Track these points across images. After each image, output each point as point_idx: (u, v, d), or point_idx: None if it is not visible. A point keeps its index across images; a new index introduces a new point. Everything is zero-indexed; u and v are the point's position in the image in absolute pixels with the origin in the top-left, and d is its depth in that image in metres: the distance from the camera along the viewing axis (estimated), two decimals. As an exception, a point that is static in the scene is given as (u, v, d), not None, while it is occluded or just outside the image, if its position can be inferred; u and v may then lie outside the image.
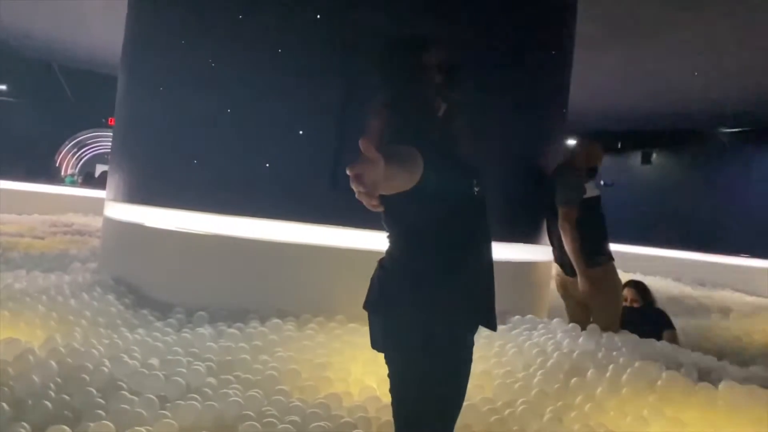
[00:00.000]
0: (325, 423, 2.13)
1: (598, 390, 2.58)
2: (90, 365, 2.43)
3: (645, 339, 3.44)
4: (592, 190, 3.77)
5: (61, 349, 2.56)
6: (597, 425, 2.29)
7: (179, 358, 2.61)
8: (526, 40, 4.01)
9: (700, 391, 2.58)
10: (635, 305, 4.37)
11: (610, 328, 3.53)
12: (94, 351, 2.58)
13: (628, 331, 3.60)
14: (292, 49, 3.60)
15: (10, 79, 13.33)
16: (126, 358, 2.53)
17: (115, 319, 3.21)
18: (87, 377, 2.32)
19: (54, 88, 13.68)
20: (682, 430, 2.28)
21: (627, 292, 4.37)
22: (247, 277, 3.59)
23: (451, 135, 1.64)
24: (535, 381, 2.65)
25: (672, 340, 4.03)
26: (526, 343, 3.12)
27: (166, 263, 3.84)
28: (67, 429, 1.89)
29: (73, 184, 12.63)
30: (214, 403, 2.19)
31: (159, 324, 3.17)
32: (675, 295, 6.86)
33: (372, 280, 1.62)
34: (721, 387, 2.58)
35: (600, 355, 2.98)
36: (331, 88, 3.53)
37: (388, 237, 1.62)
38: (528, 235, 4.00)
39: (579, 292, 3.69)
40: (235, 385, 2.38)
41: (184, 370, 2.48)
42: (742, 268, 8.97)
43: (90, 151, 15.09)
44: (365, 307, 1.61)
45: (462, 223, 1.56)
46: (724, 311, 5.86)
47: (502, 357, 2.92)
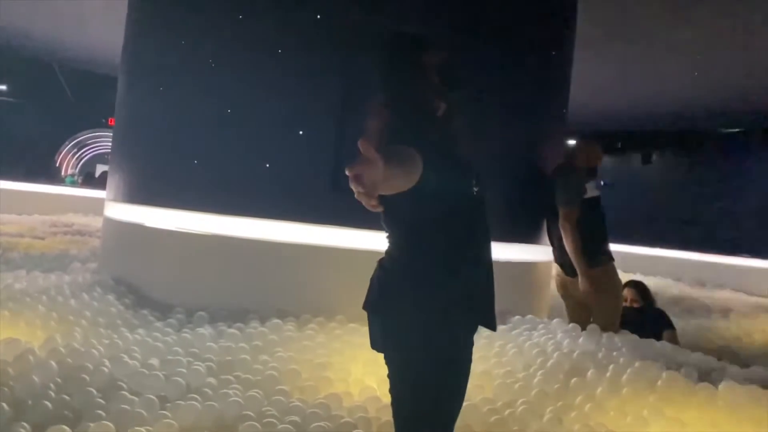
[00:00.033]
0: (325, 423, 2.12)
1: (599, 390, 2.58)
2: (90, 365, 2.43)
3: (645, 339, 3.44)
4: (592, 190, 3.77)
5: (61, 349, 2.56)
6: (597, 425, 2.29)
7: (179, 358, 2.61)
8: (526, 40, 4.01)
9: (700, 391, 2.58)
10: (635, 305, 4.37)
11: (610, 329, 3.53)
12: (94, 351, 2.58)
13: (628, 331, 3.60)
14: (292, 49, 3.60)
15: (10, 79, 13.35)
16: (126, 359, 2.53)
17: (116, 319, 3.21)
18: (87, 377, 2.32)
19: (54, 88, 13.69)
20: (682, 430, 2.28)
21: (627, 293, 4.37)
22: (247, 277, 3.59)
23: (450, 135, 1.64)
24: (535, 381, 2.65)
25: (672, 340, 4.03)
26: (527, 344, 3.12)
27: (167, 263, 3.84)
28: (67, 429, 1.89)
29: (74, 184, 12.65)
30: (214, 403, 2.19)
31: (159, 324, 3.17)
32: (675, 295, 6.85)
33: (372, 280, 1.62)
34: (721, 387, 2.58)
35: (600, 355, 2.98)
36: (331, 88, 3.53)
37: (387, 237, 1.62)
38: (528, 236, 4.00)
39: (579, 293, 3.68)
40: (235, 386, 2.38)
41: (184, 370, 2.48)
42: (742, 268, 8.96)
43: (90, 151, 15.11)
44: (365, 307, 1.61)
45: (461, 223, 1.56)
46: (724, 311, 5.86)
47: (502, 357, 2.92)
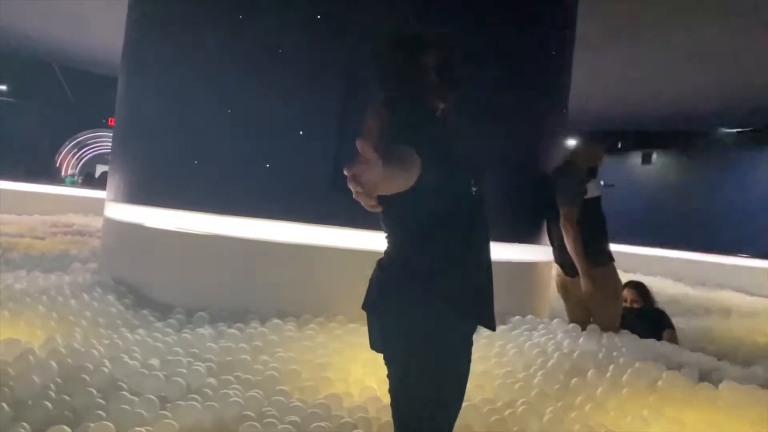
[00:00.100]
0: (326, 423, 2.12)
1: (599, 390, 2.58)
2: (90, 365, 2.43)
3: (645, 339, 3.44)
4: (592, 190, 3.77)
5: (62, 349, 2.56)
6: (597, 425, 2.29)
7: (179, 358, 2.61)
8: (526, 40, 4.01)
9: (701, 391, 2.58)
10: (635, 306, 4.36)
11: (611, 329, 3.52)
12: (94, 351, 2.58)
13: (628, 331, 3.59)
14: (293, 49, 3.60)
15: (11, 79, 13.34)
16: (126, 359, 2.53)
17: (116, 319, 3.21)
18: (87, 377, 2.32)
19: (54, 88, 13.69)
20: (682, 430, 2.28)
21: (627, 293, 4.36)
22: (247, 277, 3.59)
23: (449, 135, 1.64)
24: (535, 381, 2.65)
25: (672, 339, 4.03)
26: (527, 344, 3.12)
27: (167, 264, 3.84)
28: (68, 429, 1.89)
29: (74, 184, 12.65)
30: (214, 403, 2.19)
31: (159, 324, 3.17)
32: (675, 295, 6.85)
33: (371, 280, 1.61)
34: (721, 387, 2.58)
35: (600, 355, 2.99)
36: (331, 88, 3.53)
37: (386, 237, 1.61)
38: (528, 236, 4.00)
39: (580, 293, 3.68)
40: (236, 386, 2.38)
41: (184, 370, 2.48)
42: (742, 268, 8.95)
43: (90, 151, 15.10)
44: (364, 307, 1.61)
45: (460, 223, 1.56)
46: (725, 311, 5.86)
47: (502, 357, 2.92)
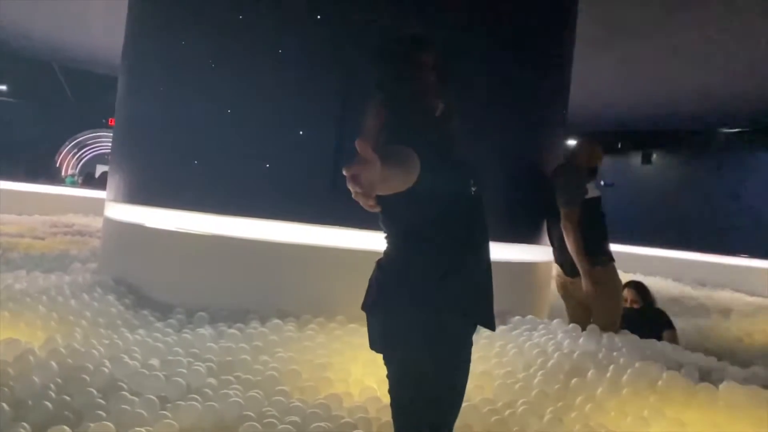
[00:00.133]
0: (326, 423, 2.12)
1: (599, 390, 2.58)
2: (90, 366, 2.42)
3: (645, 339, 3.44)
4: (592, 190, 3.77)
5: (62, 349, 2.56)
6: (597, 426, 2.29)
7: (180, 358, 2.61)
8: (526, 40, 4.01)
9: (701, 391, 2.58)
10: (635, 306, 4.36)
11: (611, 329, 3.52)
12: (94, 351, 2.58)
13: (628, 331, 3.59)
14: (292, 49, 3.60)
15: (10, 79, 13.36)
16: (126, 359, 2.52)
17: (116, 319, 3.21)
18: (87, 378, 2.32)
19: (54, 88, 13.70)
20: (682, 431, 2.28)
21: (627, 293, 4.36)
22: (247, 277, 3.59)
23: (448, 135, 1.64)
24: (535, 381, 2.65)
25: (672, 339, 4.03)
26: (527, 344, 3.11)
27: (167, 264, 3.83)
28: (68, 429, 1.89)
29: (74, 184, 12.65)
30: (214, 403, 2.19)
31: (159, 324, 3.17)
32: (675, 295, 6.85)
33: (370, 280, 1.61)
34: (721, 387, 2.57)
35: (600, 355, 2.98)
36: (331, 88, 3.53)
37: (385, 237, 1.61)
38: (528, 236, 4.00)
39: (580, 293, 3.68)
40: (236, 386, 2.37)
41: (184, 370, 2.48)
42: (742, 268, 8.95)
43: (90, 151, 15.11)
44: (363, 308, 1.61)
45: (459, 223, 1.56)
46: (725, 312, 5.85)
47: (502, 357, 2.92)
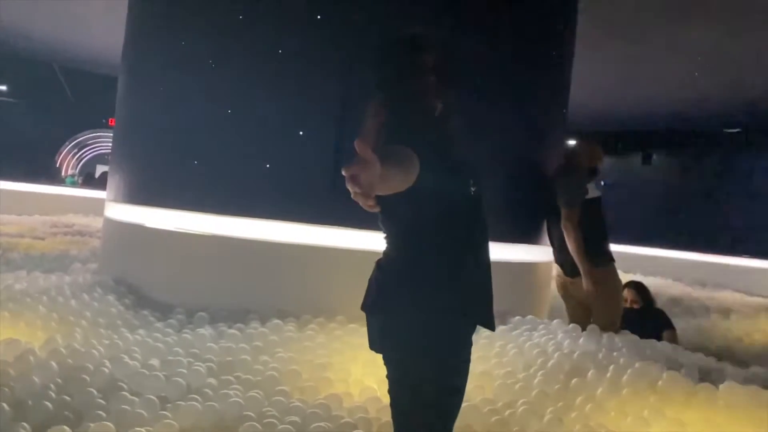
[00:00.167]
0: (326, 423, 2.12)
1: (599, 390, 2.58)
2: (90, 366, 2.43)
3: (645, 339, 3.44)
4: (593, 190, 3.77)
5: (62, 349, 2.56)
6: (597, 426, 2.29)
7: (180, 358, 2.61)
8: (526, 39, 4.01)
9: (701, 391, 2.58)
10: (635, 306, 4.36)
11: (611, 329, 3.52)
12: (94, 351, 2.58)
13: (628, 332, 3.59)
14: (293, 49, 3.60)
15: (10, 79, 13.34)
16: (126, 359, 2.53)
17: (116, 319, 3.21)
18: (87, 378, 2.32)
19: (54, 89, 13.69)
20: (682, 431, 2.28)
21: (627, 293, 4.36)
22: (247, 277, 3.59)
23: (448, 135, 1.64)
24: (535, 381, 2.65)
25: (672, 339, 4.03)
26: (527, 344, 3.11)
27: (167, 264, 3.84)
28: (68, 430, 1.89)
29: (74, 184, 12.65)
30: (214, 403, 2.19)
31: (159, 325, 3.17)
32: (675, 295, 6.84)
33: (370, 281, 1.61)
34: (721, 388, 2.57)
35: (600, 355, 2.98)
36: (331, 88, 3.53)
37: (385, 238, 1.61)
38: (528, 236, 4.00)
39: (580, 293, 3.68)
40: (236, 386, 2.37)
41: (184, 370, 2.48)
42: (742, 268, 8.95)
43: (90, 151, 15.10)
44: (363, 308, 1.61)
45: (459, 223, 1.56)
46: (725, 312, 5.85)
47: (502, 357, 2.92)
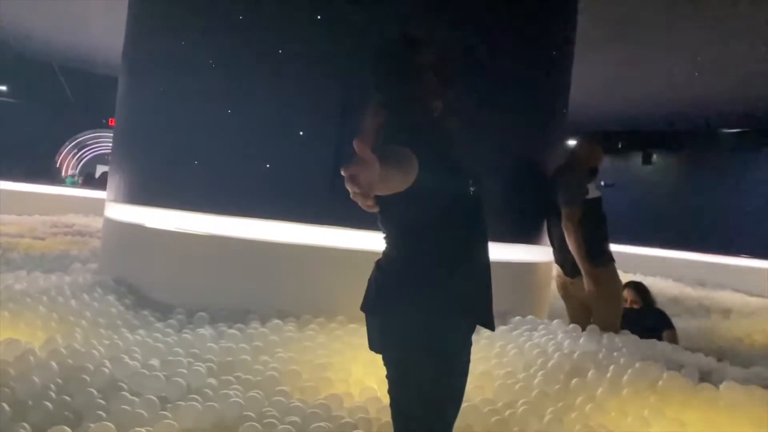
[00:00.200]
0: (326, 423, 2.12)
1: (599, 391, 2.58)
2: (91, 366, 2.43)
3: (645, 339, 3.44)
4: (593, 191, 3.77)
5: (62, 349, 2.56)
6: (598, 426, 2.29)
7: (180, 358, 2.61)
8: (526, 39, 4.01)
9: (701, 391, 2.58)
10: (635, 306, 4.36)
11: (611, 329, 3.52)
12: (94, 352, 2.58)
13: (628, 332, 3.59)
14: (293, 49, 3.60)
15: (11, 79, 13.34)
16: (127, 359, 2.53)
17: (116, 319, 3.21)
18: (88, 378, 2.32)
19: (54, 89, 13.68)
20: (682, 431, 2.28)
21: (627, 293, 4.35)
22: (247, 277, 3.59)
23: (447, 135, 1.64)
24: (535, 382, 2.65)
25: (671, 339, 4.03)
26: (527, 344, 3.11)
27: (167, 264, 3.84)
28: (68, 430, 1.89)
29: (74, 184, 12.65)
30: (214, 403, 2.19)
31: (159, 325, 3.17)
32: (675, 295, 6.85)
33: (369, 281, 1.61)
34: (722, 387, 2.57)
35: (601, 355, 2.98)
36: (331, 88, 3.53)
37: (384, 238, 1.61)
38: (528, 236, 4.00)
39: (580, 293, 3.68)
40: (236, 386, 2.37)
41: (184, 370, 2.48)
42: (742, 268, 8.95)
43: (90, 151, 15.10)
44: (363, 308, 1.61)
45: (458, 223, 1.56)
46: (725, 312, 5.86)
47: (502, 358, 2.92)
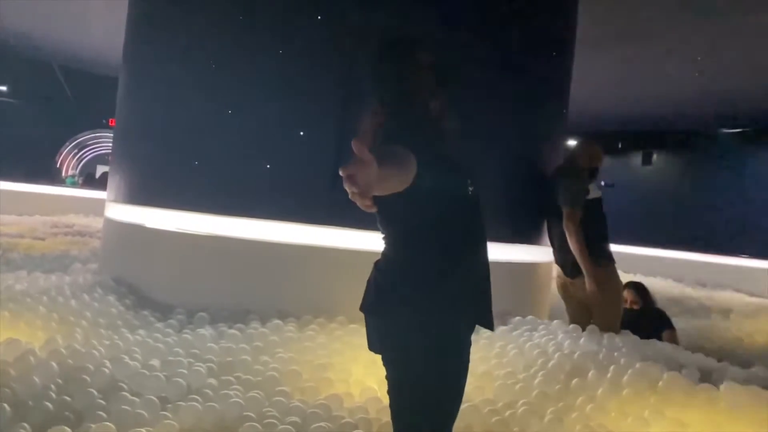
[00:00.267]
0: (326, 424, 2.12)
1: (599, 391, 2.58)
2: (91, 366, 2.43)
3: (645, 340, 3.44)
4: (593, 191, 3.77)
5: (62, 350, 2.56)
6: (598, 426, 2.29)
7: (180, 359, 2.61)
8: (526, 40, 4.01)
9: (702, 392, 2.57)
10: (635, 306, 4.35)
11: (611, 330, 3.52)
12: (94, 352, 2.58)
13: (628, 332, 3.59)
14: (293, 49, 3.60)
15: (11, 79, 13.34)
16: (127, 359, 2.53)
17: (116, 320, 3.21)
18: (88, 378, 2.32)
19: (54, 89, 13.68)
20: (683, 431, 2.28)
21: (627, 294, 4.35)
22: (247, 278, 3.59)
23: (445, 135, 1.64)
24: (536, 382, 2.65)
25: (672, 340, 4.03)
26: (527, 344, 3.11)
27: (167, 264, 3.84)
28: (68, 430, 1.89)
29: (74, 185, 12.66)
30: (214, 404, 2.19)
31: (160, 325, 3.17)
32: (675, 295, 6.84)
33: (368, 281, 1.61)
34: (722, 388, 2.57)
35: (601, 356, 2.98)
36: (331, 88, 3.53)
37: (383, 238, 1.61)
38: (529, 236, 4.00)
39: (580, 294, 3.68)
40: (236, 386, 2.38)
41: (184, 371, 2.48)
42: (742, 268, 8.95)
43: (91, 152, 15.10)
44: (362, 309, 1.61)
45: (456, 223, 1.56)
46: (725, 312, 5.85)
47: (503, 358, 2.92)
